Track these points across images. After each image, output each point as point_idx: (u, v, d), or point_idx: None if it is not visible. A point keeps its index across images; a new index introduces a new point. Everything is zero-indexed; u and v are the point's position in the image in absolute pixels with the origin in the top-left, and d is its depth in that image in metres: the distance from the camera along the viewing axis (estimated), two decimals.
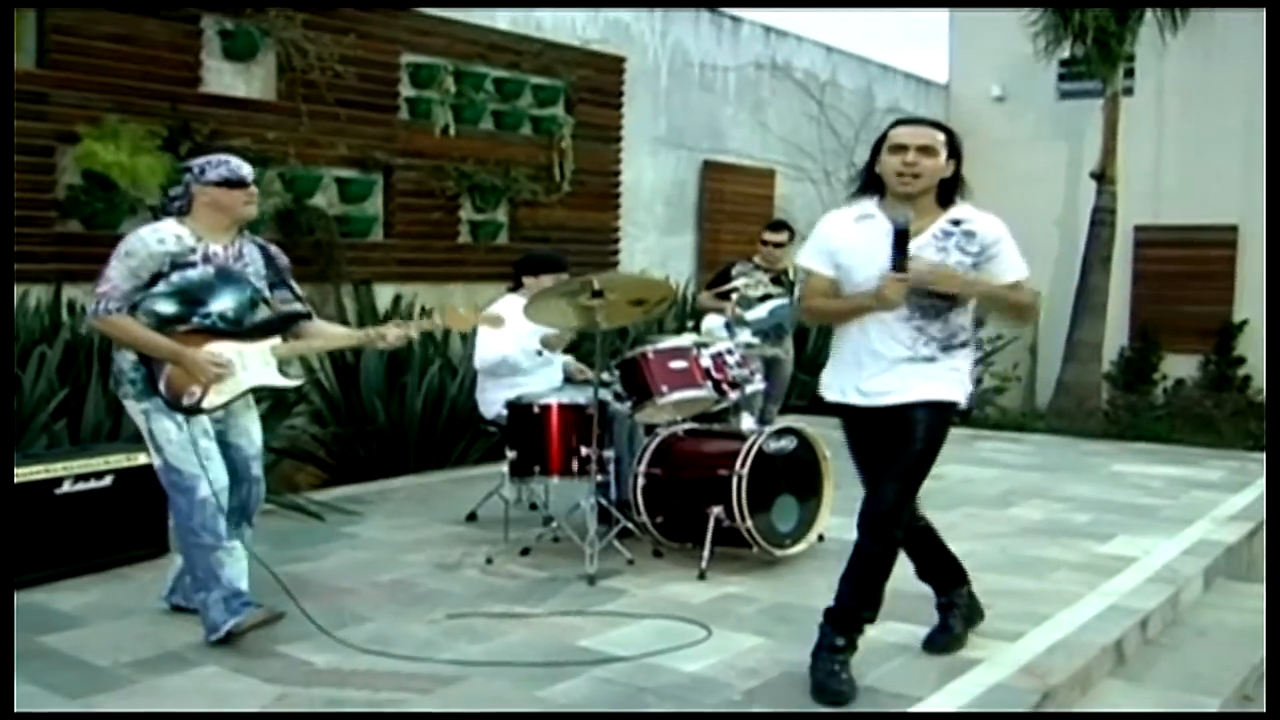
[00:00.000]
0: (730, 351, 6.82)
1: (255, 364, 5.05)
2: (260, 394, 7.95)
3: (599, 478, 6.32)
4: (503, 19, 10.99)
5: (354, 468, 9.02)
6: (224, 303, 4.97)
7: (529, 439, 6.51)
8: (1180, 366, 15.71)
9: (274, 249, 5.26)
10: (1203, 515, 8.10)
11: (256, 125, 8.92)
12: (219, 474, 4.93)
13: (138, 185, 8.08)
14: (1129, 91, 15.12)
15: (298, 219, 9.14)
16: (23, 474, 5.83)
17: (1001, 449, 11.14)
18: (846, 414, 4.60)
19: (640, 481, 6.51)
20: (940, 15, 18.00)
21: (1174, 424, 12.80)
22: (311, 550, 6.69)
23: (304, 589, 5.54)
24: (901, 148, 4.38)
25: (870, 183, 4.51)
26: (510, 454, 6.55)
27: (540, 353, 7.03)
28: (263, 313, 5.13)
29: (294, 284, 5.29)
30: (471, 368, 9.25)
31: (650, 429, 6.90)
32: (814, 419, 6.70)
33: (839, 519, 6.43)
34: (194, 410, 4.89)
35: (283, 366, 5.24)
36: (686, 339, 6.89)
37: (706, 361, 6.65)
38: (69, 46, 7.91)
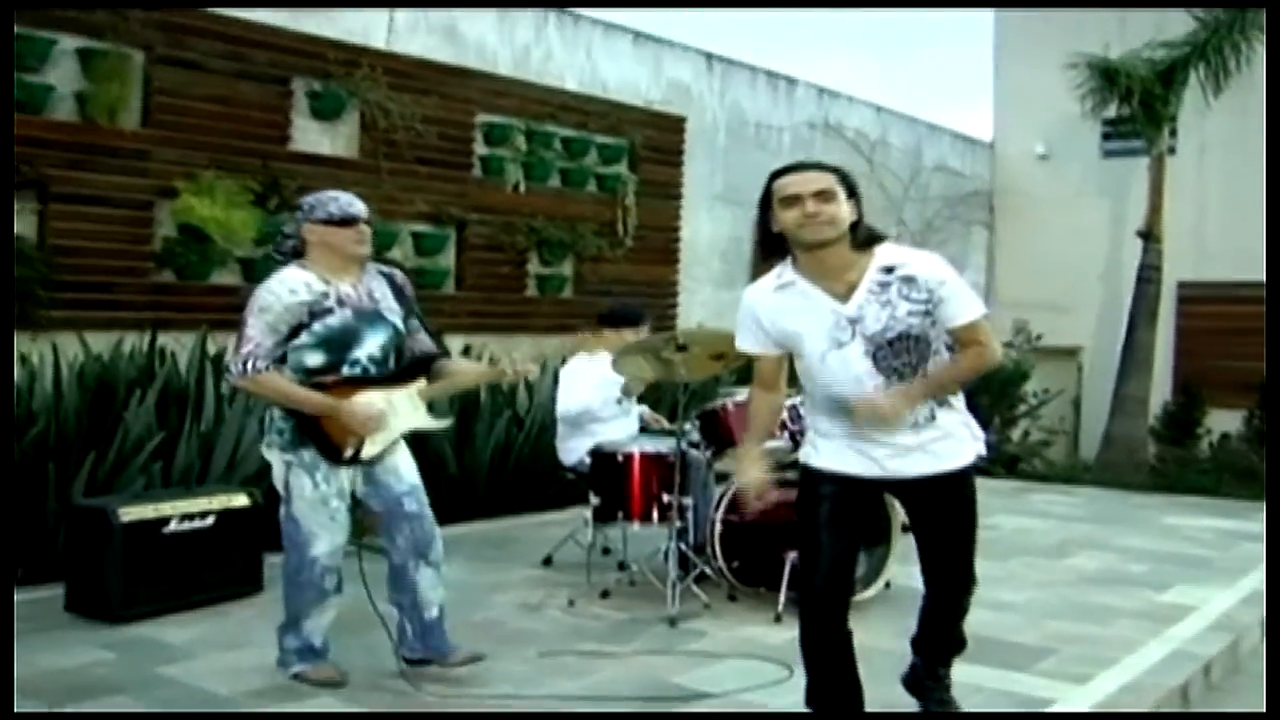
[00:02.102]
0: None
1: (405, 409, 4.93)
2: None
3: (678, 524, 6.51)
4: (571, 80, 11.31)
5: None
6: (370, 346, 4.85)
7: (612, 486, 6.72)
8: (1223, 421, 15.73)
9: (400, 277, 5.08)
10: (1255, 566, 8.23)
11: (340, 181, 8.88)
12: (337, 537, 4.93)
13: (230, 238, 8.37)
14: (1172, 150, 15.28)
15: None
16: (133, 513, 6.08)
17: (1053, 500, 11.27)
18: (837, 481, 4.16)
19: (717, 528, 6.70)
20: (986, 76, 18.23)
21: (1220, 477, 12.88)
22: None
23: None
24: (795, 199, 3.93)
25: (771, 244, 4.07)
26: (594, 500, 6.76)
27: (620, 401, 7.23)
28: (404, 350, 5.02)
29: (420, 315, 5.14)
30: (538, 418, 9.54)
31: (724, 477, 7.10)
32: None
33: (903, 567, 6.60)
34: (353, 461, 4.83)
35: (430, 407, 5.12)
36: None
37: (783, 413, 6.85)
38: (170, 107, 8.23)
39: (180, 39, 8.28)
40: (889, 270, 3.97)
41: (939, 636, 4.56)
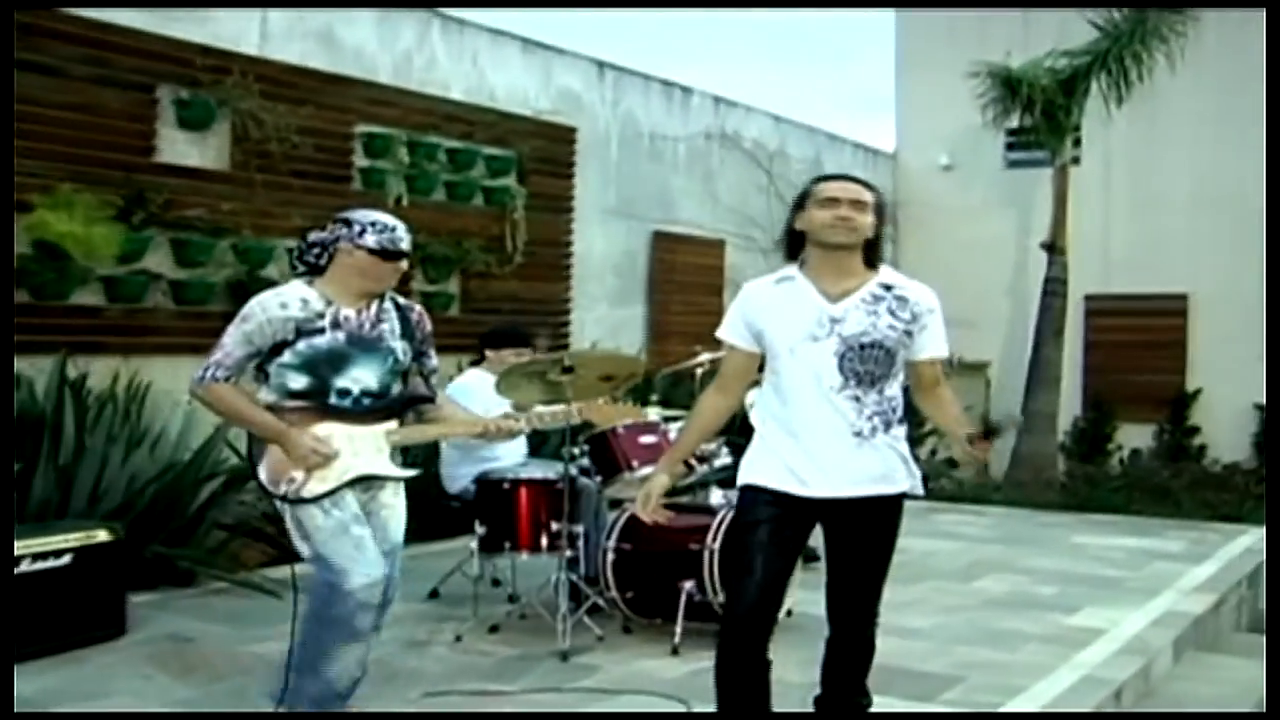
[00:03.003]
0: None
1: (367, 449, 4.64)
2: (223, 470, 8.07)
3: (568, 553, 6.42)
4: (457, 89, 11.20)
5: None
6: (363, 375, 4.61)
7: (499, 515, 6.63)
8: (1135, 437, 16.01)
9: (416, 311, 4.86)
10: (1167, 586, 8.32)
11: (210, 195, 9.03)
12: (373, 564, 4.55)
13: (91, 256, 8.14)
14: (1076, 161, 15.53)
15: (250, 289, 9.06)
16: None
17: (961, 521, 11.35)
18: (778, 503, 4.23)
19: (610, 556, 6.62)
20: (888, 85, 18.40)
21: (1131, 495, 13.04)
22: (272, 630, 6.67)
23: (271, 669, 5.57)
24: (834, 200, 4.22)
25: (795, 243, 4.36)
26: (480, 530, 6.65)
27: None
28: (404, 384, 4.80)
29: (432, 355, 4.92)
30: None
31: (617, 504, 7.02)
32: None
33: (805, 593, 6.56)
34: (285, 499, 4.56)
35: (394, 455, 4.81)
36: (653, 413, 7.02)
37: (675, 436, 6.79)
38: (24, 115, 7.97)
39: (35, 42, 8.02)
40: (887, 288, 4.25)
41: (849, 679, 4.50)
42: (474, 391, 7.13)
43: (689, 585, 6.35)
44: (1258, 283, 14.61)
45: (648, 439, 6.67)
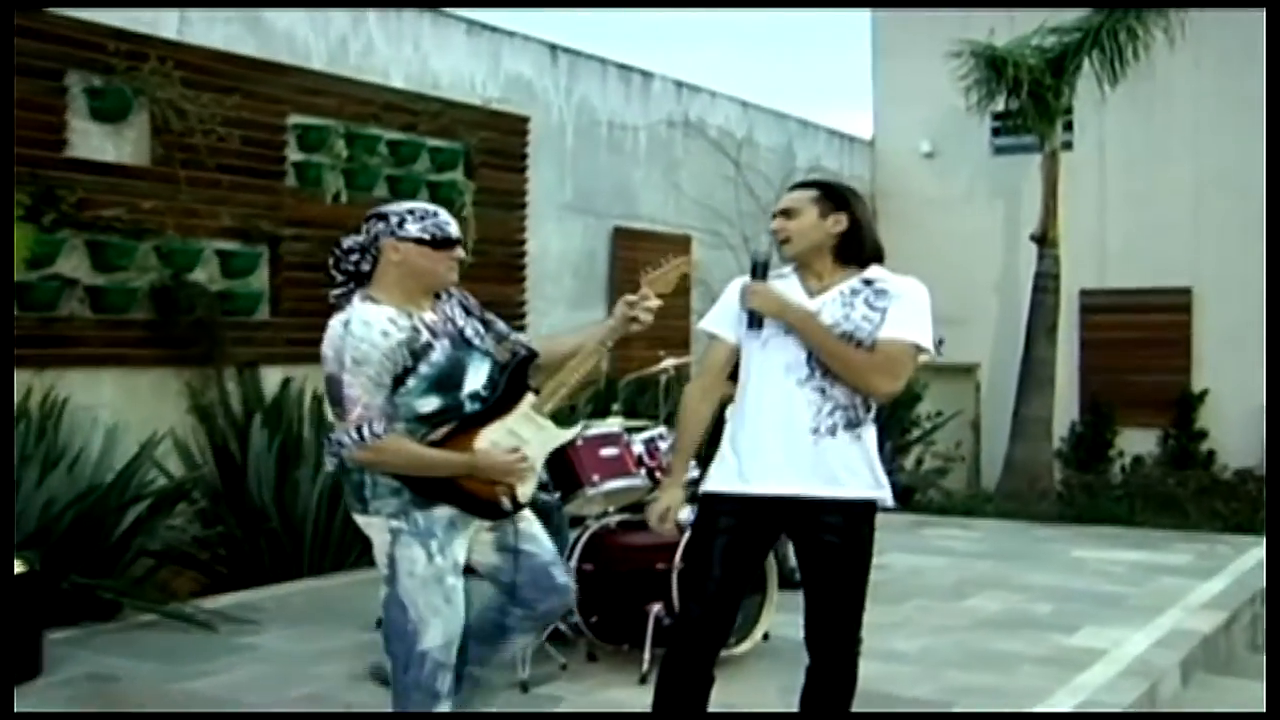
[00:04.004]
0: (663, 437, 6.98)
1: (528, 432, 4.54)
2: (150, 492, 8.03)
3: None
4: (397, 77, 11.18)
5: (242, 572, 9.01)
6: (476, 374, 4.52)
7: None
8: (1137, 442, 16.01)
9: (458, 292, 4.69)
10: (1173, 603, 8.37)
11: (129, 193, 8.95)
12: (453, 622, 4.45)
13: None
14: (1068, 146, 15.56)
15: (176, 296, 9.15)
16: None
17: (950, 535, 11.40)
18: (734, 512, 4.40)
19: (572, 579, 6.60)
20: (864, 67, 18.46)
21: (1134, 505, 13.11)
22: (208, 665, 6.70)
23: (208, 708, 5.56)
24: (773, 216, 4.59)
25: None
26: None
27: None
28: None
29: (496, 319, 4.80)
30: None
31: (578, 521, 7.02)
32: None
33: (784, 615, 6.57)
34: (515, 510, 4.51)
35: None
36: (615, 423, 7.00)
37: (639, 448, 6.81)
38: None
39: None
40: (868, 283, 4.44)
41: (830, 711, 4.50)
42: None
43: (657, 608, 6.35)
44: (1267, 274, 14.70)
45: (608, 451, 6.65)
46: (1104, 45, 14.13)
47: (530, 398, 4.56)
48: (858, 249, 4.48)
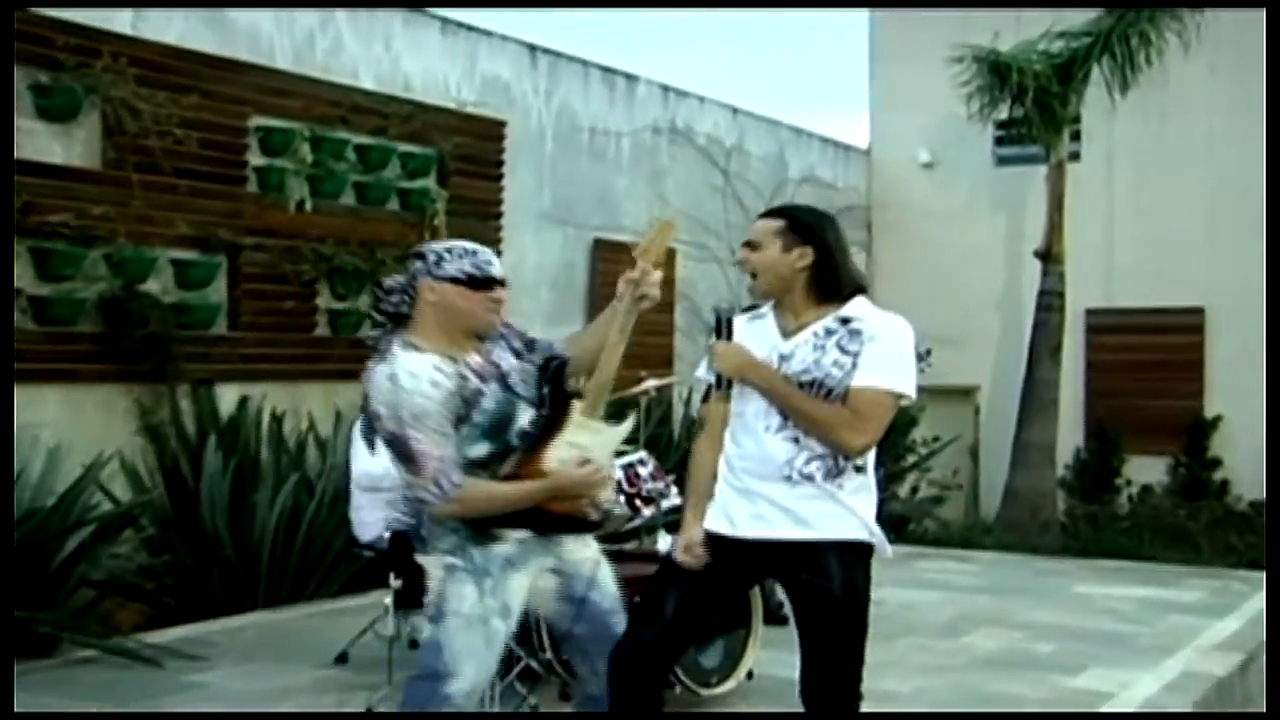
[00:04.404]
0: (643, 462, 6.93)
1: (587, 440, 4.53)
2: (94, 518, 7.98)
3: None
4: (367, 77, 11.13)
5: (191, 603, 8.94)
6: (526, 413, 4.58)
7: (417, 566, 6.44)
8: (1146, 470, 15.95)
9: (506, 331, 4.74)
10: (1184, 644, 8.32)
11: (78, 197, 8.90)
12: (485, 670, 4.49)
13: None
14: (1075, 157, 15.59)
15: (127, 308, 9.09)
16: None
17: (946, 569, 11.35)
18: (711, 548, 4.45)
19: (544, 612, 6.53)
20: (860, 72, 18.45)
21: (1142, 537, 13.08)
22: (153, 704, 6.63)
23: None
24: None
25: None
26: (396, 583, 6.56)
27: None
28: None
29: (535, 338, 4.84)
30: (332, 483, 9.31)
31: None
32: None
33: (769, 653, 6.52)
34: (605, 520, 4.66)
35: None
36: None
37: (618, 474, 6.74)
38: None
39: None
40: (844, 321, 4.38)
41: None
42: None
43: None
44: None
45: None
46: (1114, 50, 14.13)
47: (578, 404, 4.57)
48: (831, 284, 4.42)
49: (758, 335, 4.46)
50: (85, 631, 7.70)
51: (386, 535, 6.81)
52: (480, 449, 4.45)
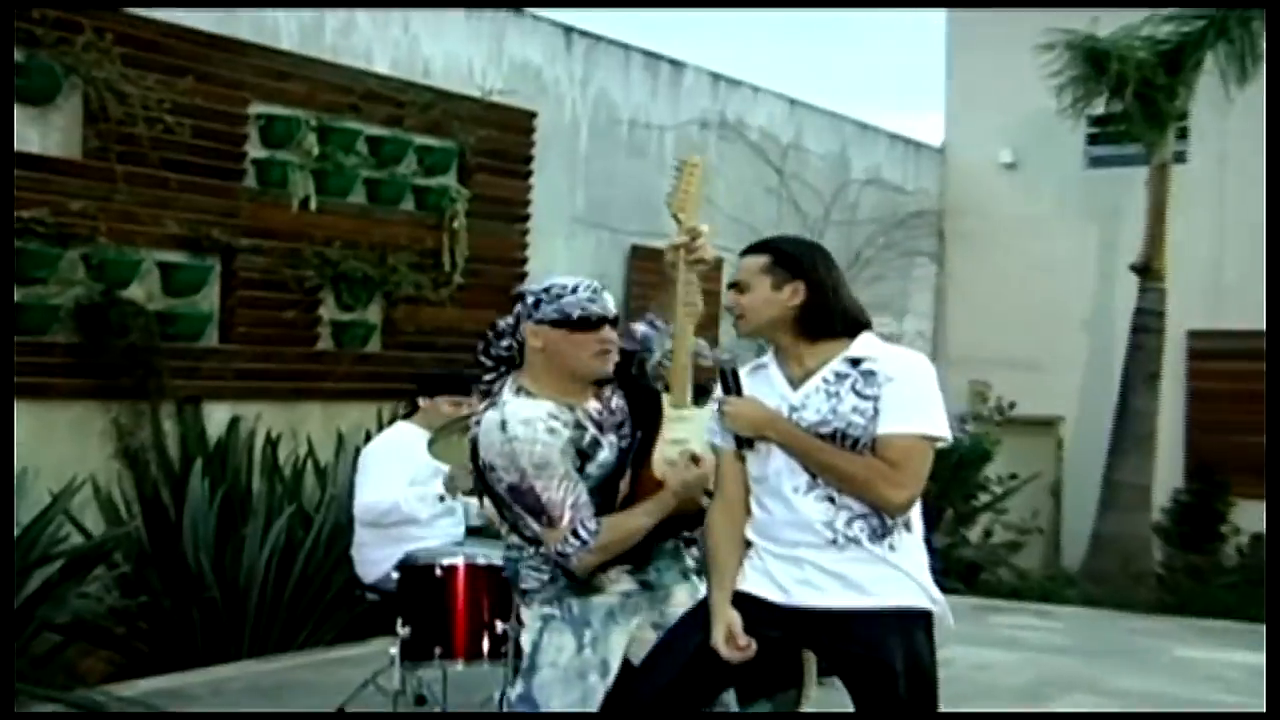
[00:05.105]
0: None
1: (685, 431, 4.67)
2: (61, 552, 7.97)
3: (517, 663, 6.29)
4: (381, 61, 11.14)
5: (168, 651, 8.94)
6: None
7: (428, 611, 6.48)
8: (1255, 516, 15.64)
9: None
10: None
11: (55, 191, 8.92)
12: None
13: None
14: (1181, 158, 15.46)
15: (106, 316, 9.10)
16: None
17: (1024, 625, 11.28)
18: (744, 611, 4.36)
19: None
20: (936, 62, 18.40)
21: (1252, 594, 12.90)
22: None
23: None
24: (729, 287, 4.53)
25: None
26: (402, 631, 6.51)
27: (443, 498, 7.03)
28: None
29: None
30: (331, 516, 9.30)
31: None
32: None
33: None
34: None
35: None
36: None
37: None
38: None
39: None
40: (855, 363, 4.34)
41: None
42: (401, 453, 7.11)
43: None
44: None
45: None
46: (1233, 36, 13.96)
47: (666, 398, 4.69)
48: (825, 320, 4.40)
49: (763, 388, 4.42)
50: (46, 682, 7.66)
51: (395, 575, 6.79)
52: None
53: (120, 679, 8.37)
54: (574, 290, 4.55)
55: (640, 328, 5.00)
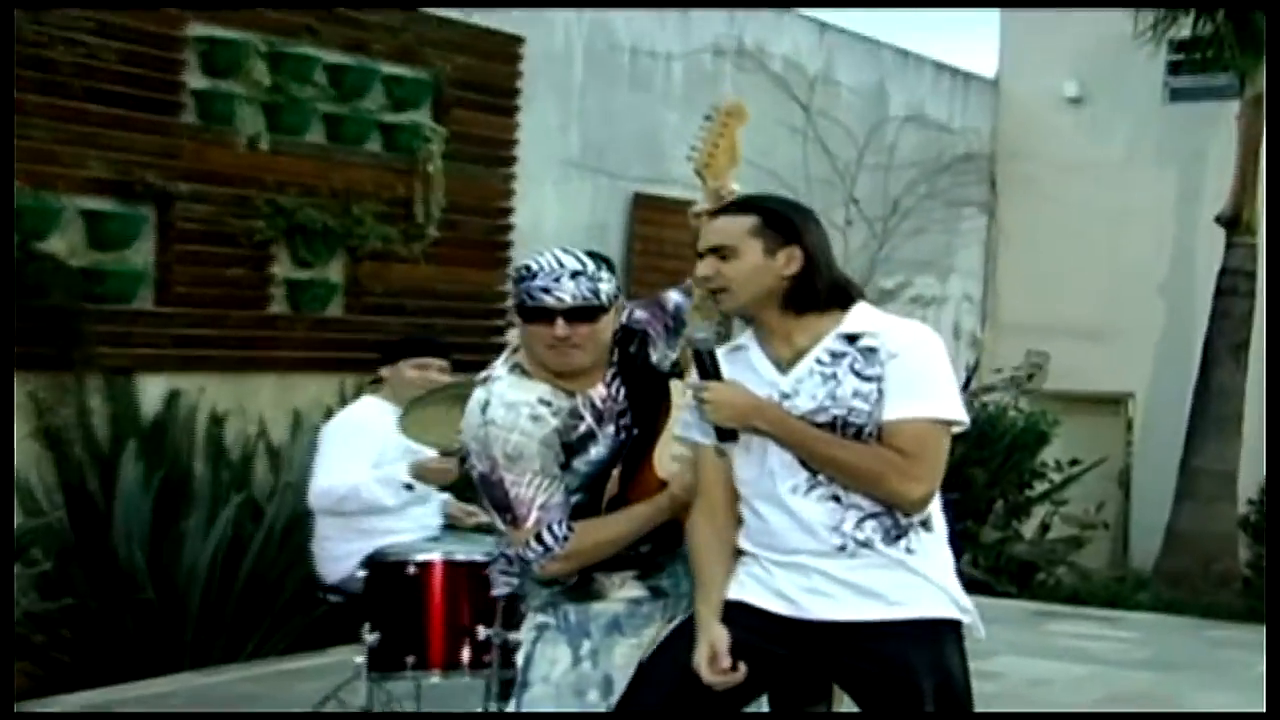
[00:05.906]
0: None
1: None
2: None
3: (501, 674, 6.32)
4: None
5: (96, 662, 8.98)
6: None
7: (398, 615, 6.51)
8: None
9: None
10: None
11: None
12: None
13: None
14: None
15: (23, 273, 9.08)
16: None
17: (1088, 634, 11.31)
18: (742, 622, 4.29)
19: None
20: None
21: None
22: None
23: None
24: (698, 255, 4.42)
25: None
26: (370, 637, 6.54)
27: (411, 486, 7.04)
28: None
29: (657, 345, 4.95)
30: (287, 506, 9.32)
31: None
32: None
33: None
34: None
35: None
36: None
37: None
38: None
39: None
40: (851, 339, 4.29)
41: None
42: (365, 431, 7.11)
43: None
44: None
45: None
46: None
47: (676, 384, 4.69)
48: (811, 293, 4.33)
49: (746, 374, 4.35)
50: None
51: (361, 574, 6.80)
52: (577, 499, 4.58)
53: (39, 694, 8.42)
54: (534, 275, 4.50)
55: (675, 297, 4.96)
